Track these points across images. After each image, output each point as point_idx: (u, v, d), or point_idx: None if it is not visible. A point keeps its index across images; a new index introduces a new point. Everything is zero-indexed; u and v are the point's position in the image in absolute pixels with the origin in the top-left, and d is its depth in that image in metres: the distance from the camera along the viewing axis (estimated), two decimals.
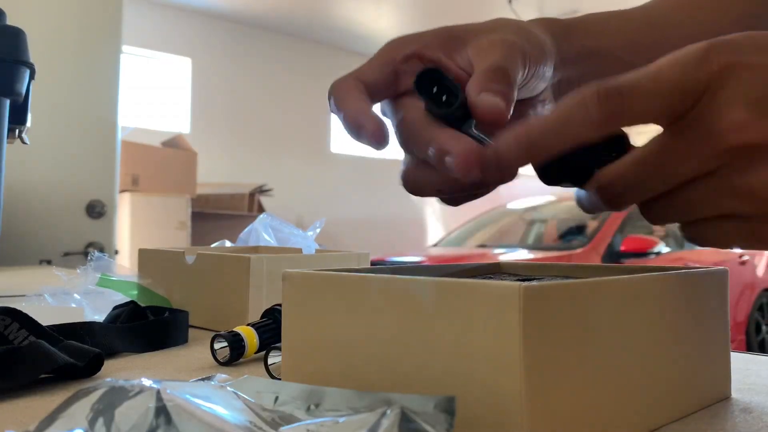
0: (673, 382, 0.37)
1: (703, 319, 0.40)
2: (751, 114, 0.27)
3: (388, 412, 0.26)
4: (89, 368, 0.47)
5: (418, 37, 0.37)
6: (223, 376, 0.35)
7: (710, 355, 0.41)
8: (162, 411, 0.26)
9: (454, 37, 0.37)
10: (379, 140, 0.33)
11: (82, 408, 0.27)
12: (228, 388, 0.32)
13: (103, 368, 0.48)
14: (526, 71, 0.36)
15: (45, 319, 0.53)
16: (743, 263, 4.65)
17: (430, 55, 0.36)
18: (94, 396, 0.27)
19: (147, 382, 0.28)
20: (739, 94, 0.27)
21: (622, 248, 3.82)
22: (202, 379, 0.35)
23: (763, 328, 4.55)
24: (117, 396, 0.27)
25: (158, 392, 0.27)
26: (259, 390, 0.31)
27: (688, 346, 0.39)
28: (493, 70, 0.34)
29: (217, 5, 5.33)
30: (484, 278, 0.46)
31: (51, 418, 0.27)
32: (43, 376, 0.45)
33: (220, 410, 0.28)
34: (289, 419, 0.29)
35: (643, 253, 3.84)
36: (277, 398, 0.31)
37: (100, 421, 0.26)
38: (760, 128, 0.27)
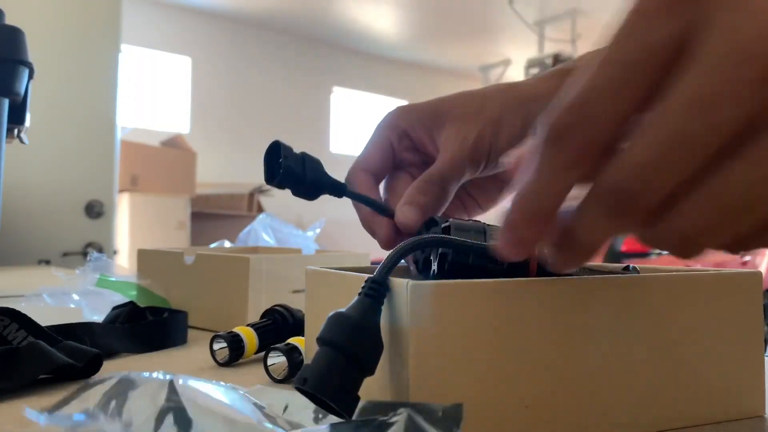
0: (666, 389, 0.36)
1: (715, 325, 0.37)
2: None
3: (396, 418, 0.26)
4: (88, 369, 0.47)
5: (409, 113, 0.44)
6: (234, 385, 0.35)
7: (723, 366, 0.38)
8: (174, 398, 0.26)
9: (437, 115, 0.43)
10: (387, 244, 0.41)
11: (96, 393, 0.27)
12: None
13: (101, 369, 0.48)
14: (482, 164, 0.42)
15: (44, 319, 0.53)
16: (744, 263, 4.65)
17: (415, 136, 0.43)
18: (109, 383, 0.28)
19: (158, 374, 0.28)
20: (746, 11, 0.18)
21: (623, 248, 3.82)
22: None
23: (765, 328, 4.55)
24: (130, 384, 0.28)
25: (171, 382, 0.27)
26: (269, 401, 0.32)
27: (691, 354, 0.37)
28: (425, 180, 0.41)
29: (217, 4, 5.32)
30: None
31: (66, 400, 0.27)
32: (41, 376, 0.45)
33: (230, 402, 0.28)
34: (297, 427, 0.29)
35: (644, 254, 3.84)
36: (286, 407, 0.31)
37: (113, 404, 0.26)
38: None
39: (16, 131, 0.76)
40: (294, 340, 0.47)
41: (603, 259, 3.66)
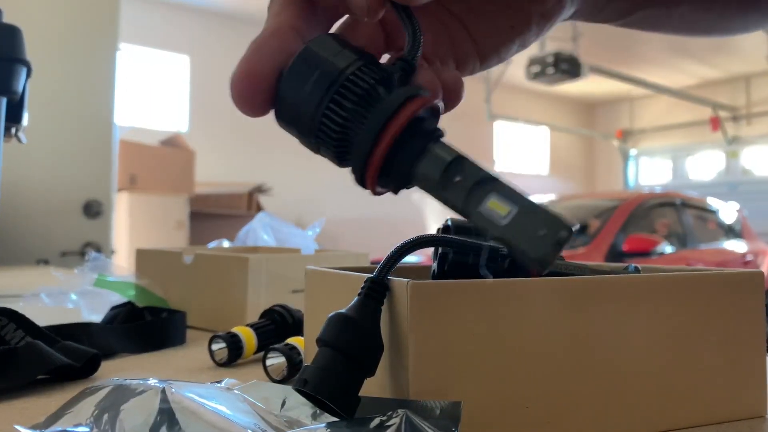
0: (659, 390, 0.36)
1: (716, 325, 0.37)
2: None
3: (394, 416, 0.26)
4: (86, 369, 0.47)
5: None
6: (233, 380, 0.35)
7: (724, 366, 0.37)
8: (166, 410, 0.26)
9: None
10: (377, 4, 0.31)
11: (88, 406, 0.27)
12: (235, 391, 0.32)
13: (100, 369, 0.48)
14: None
15: (42, 319, 0.53)
16: (747, 263, 4.65)
17: None
18: (100, 394, 0.28)
19: (152, 381, 0.28)
20: None
21: (625, 248, 3.82)
22: (211, 383, 0.35)
23: (766, 329, 4.55)
24: (122, 394, 0.27)
25: (163, 391, 0.27)
26: (266, 395, 0.31)
27: (692, 354, 0.37)
28: None
29: (216, 2, 5.32)
30: None
31: (58, 415, 0.27)
32: (40, 377, 0.45)
33: (225, 411, 0.28)
34: (295, 424, 0.29)
35: (645, 253, 3.84)
36: (284, 403, 0.31)
37: (105, 417, 0.26)
38: None
39: (13, 130, 0.76)
40: (293, 340, 0.47)
41: (604, 259, 3.65)
